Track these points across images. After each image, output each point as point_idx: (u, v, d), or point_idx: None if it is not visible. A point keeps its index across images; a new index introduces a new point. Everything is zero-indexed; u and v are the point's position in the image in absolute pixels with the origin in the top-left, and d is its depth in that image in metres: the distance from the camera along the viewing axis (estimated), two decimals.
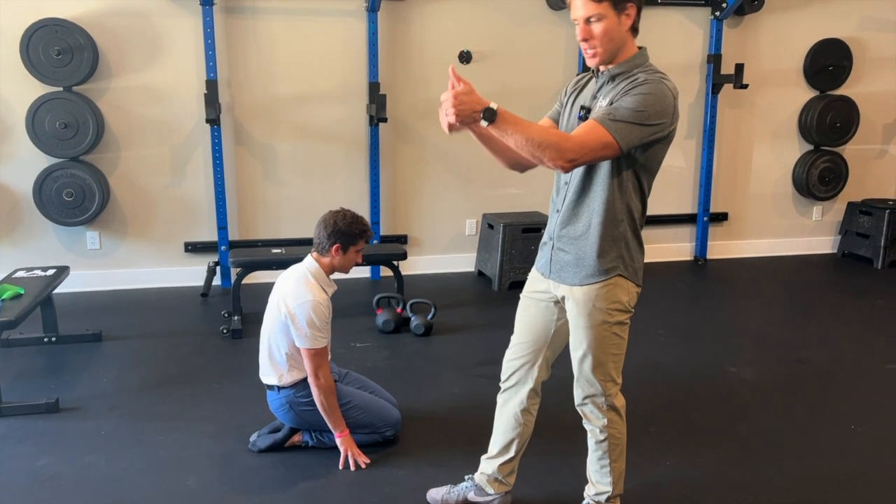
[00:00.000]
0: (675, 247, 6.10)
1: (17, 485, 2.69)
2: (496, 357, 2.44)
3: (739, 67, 5.54)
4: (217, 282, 5.20)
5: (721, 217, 6.14)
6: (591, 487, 2.37)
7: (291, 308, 2.74)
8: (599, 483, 2.34)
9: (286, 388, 2.84)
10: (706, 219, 6.02)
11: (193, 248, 5.22)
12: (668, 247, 6.06)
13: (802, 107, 6.06)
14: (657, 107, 1.96)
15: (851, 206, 6.20)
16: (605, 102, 2.02)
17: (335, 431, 2.83)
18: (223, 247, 5.15)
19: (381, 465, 2.83)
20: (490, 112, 1.89)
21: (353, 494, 2.68)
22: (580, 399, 2.25)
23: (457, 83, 1.90)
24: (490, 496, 2.49)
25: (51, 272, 3.97)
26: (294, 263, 2.95)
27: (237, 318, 4.30)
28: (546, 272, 2.23)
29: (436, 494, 2.57)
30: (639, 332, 3.08)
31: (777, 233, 6.31)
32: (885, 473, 2.84)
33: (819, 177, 6.10)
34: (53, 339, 4.04)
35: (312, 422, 2.87)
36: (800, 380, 3.71)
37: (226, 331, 4.21)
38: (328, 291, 2.84)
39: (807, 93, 6.05)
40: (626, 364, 2.26)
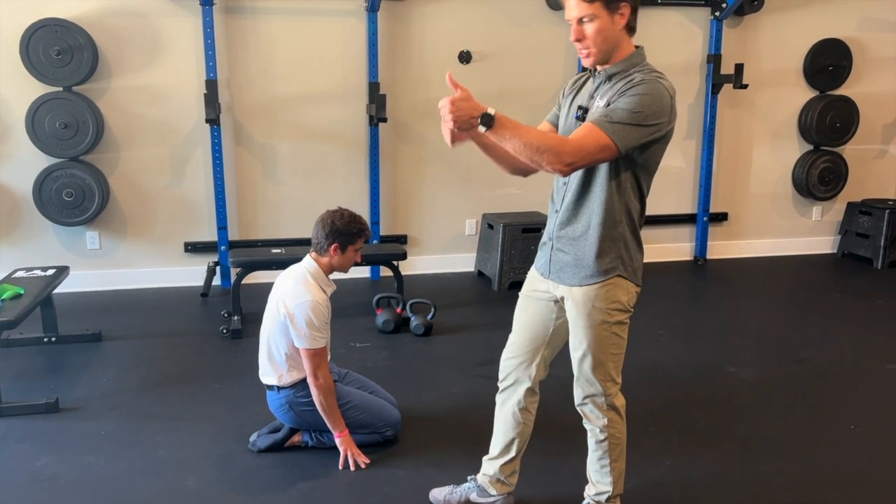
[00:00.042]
0: (675, 247, 6.10)
1: (17, 485, 2.69)
2: (496, 357, 2.44)
3: (739, 67, 5.55)
4: (217, 282, 5.20)
5: (721, 217, 6.14)
6: (592, 487, 2.37)
7: (290, 308, 2.74)
8: (600, 483, 2.34)
9: (286, 389, 2.84)
10: (706, 219, 6.02)
11: (193, 248, 5.22)
12: (668, 247, 6.06)
13: (802, 107, 6.06)
14: (654, 107, 1.96)
15: (851, 207, 6.20)
16: (603, 102, 2.02)
17: (334, 431, 2.83)
18: (223, 247, 5.15)
19: (381, 465, 2.83)
20: (488, 117, 1.90)
21: (353, 494, 2.68)
22: (580, 399, 2.25)
23: (454, 90, 1.90)
24: (492, 497, 2.49)
25: (50, 272, 3.97)
26: (294, 263, 2.95)
27: (237, 318, 4.30)
28: (545, 273, 2.23)
29: (438, 495, 2.57)
30: (639, 333, 3.08)
31: (777, 233, 6.31)
32: (885, 473, 2.84)
33: (819, 177, 6.10)
34: (53, 339, 4.04)
35: (312, 422, 2.87)
36: (799, 380, 3.71)
37: (225, 331, 4.21)
38: (327, 291, 2.84)
39: (807, 93, 6.06)
40: (626, 364, 2.26)
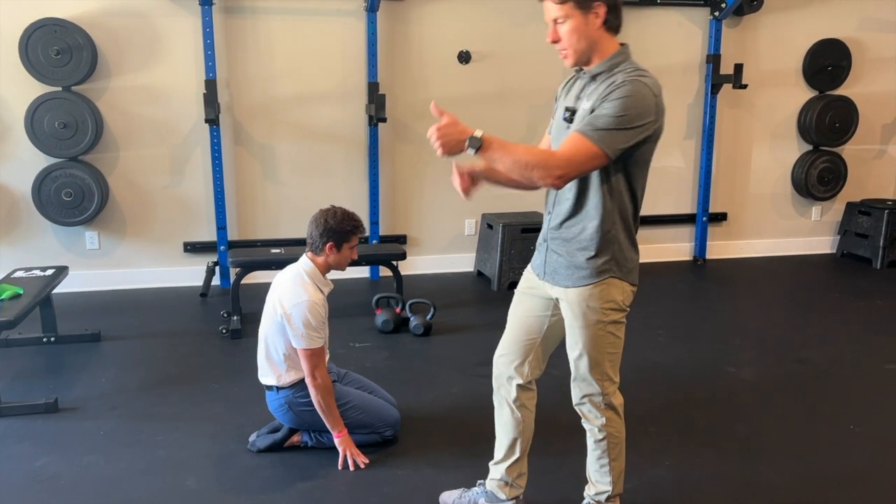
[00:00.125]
0: (675, 247, 6.10)
1: (17, 485, 2.69)
2: None
3: (738, 67, 5.55)
4: (216, 282, 5.20)
5: (720, 217, 6.14)
6: (591, 487, 2.37)
7: (287, 309, 2.73)
8: (599, 482, 2.34)
9: (285, 389, 2.84)
10: (705, 219, 6.02)
11: (192, 248, 5.22)
12: (668, 247, 6.06)
13: (801, 107, 6.06)
14: (638, 108, 1.95)
15: (850, 207, 6.20)
16: (588, 105, 2.01)
17: (333, 431, 2.82)
18: (222, 247, 5.14)
19: (381, 466, 2.82)
20: (475, 140, 1.91)
21: (352, 494, 2.68)
22: (578, 398, 2.25)
23: (439, 117, 1.90)
24: (502, 502, 2.46)
25: (50, 272, 3.97)
26: (292, 263, 2.94)
27: (236, 318, 4.30)
28: (541, 273, 2.24)
29: (447, 498, 2.56)
30: (638, 333, 3.08)
31: (776, 233, 6.31)
32: (885, 473, 2.84)
33: (818, 177, 6.10)
34: (52, 339, 4.04)
35: (311, 422, 2.87)
36: (799, 380, 3.71)
37: (225, 331, 4.21)
38: (324, 291, 2.84)
39: (806, 93, 6.06)
40: (625, 364, 2.26)
